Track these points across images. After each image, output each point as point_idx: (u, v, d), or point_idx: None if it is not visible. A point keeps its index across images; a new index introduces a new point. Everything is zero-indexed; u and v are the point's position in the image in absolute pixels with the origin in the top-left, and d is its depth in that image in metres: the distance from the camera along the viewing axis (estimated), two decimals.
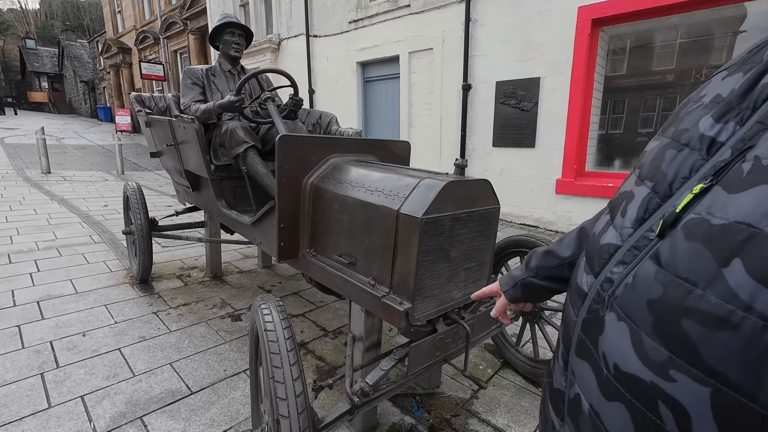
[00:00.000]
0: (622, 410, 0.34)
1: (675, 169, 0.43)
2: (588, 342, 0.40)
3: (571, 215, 4.76)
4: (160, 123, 2.52)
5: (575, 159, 4.64)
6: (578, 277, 0.49)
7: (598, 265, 0.45)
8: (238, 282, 3.07)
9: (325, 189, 1.68)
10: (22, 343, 2.09)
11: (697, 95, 0.52)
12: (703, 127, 0.43)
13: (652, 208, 0.43)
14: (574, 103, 4.55)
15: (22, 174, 7.22)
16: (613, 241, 0.45)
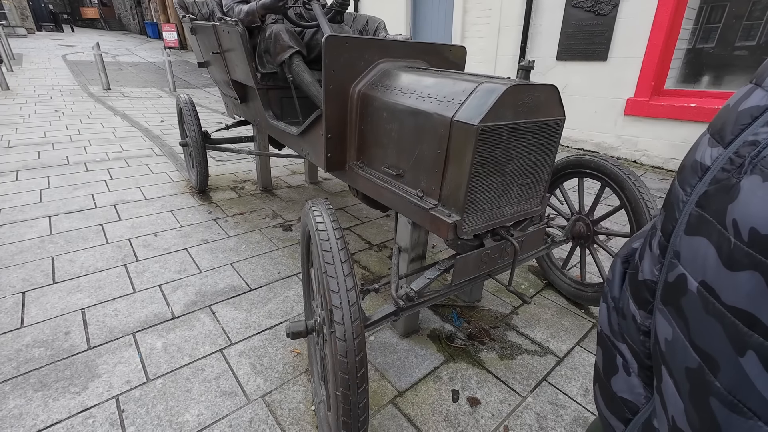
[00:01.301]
0: (754, 277, 0.30)
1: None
2: (708, 215, 0.35)
3: (638, 140, 4.31)
4: (205, 29, 2.45)
5: (654, 75, 4.05)
6: (697, 154, 0.42)
7: (733, 133, 0.38)
8: (287, 196, 3.19)
9: (374, 96, 1.59)
10: (106, 239, 2.37)
11: None
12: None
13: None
14: (664, 5, 3.83)
15: (86, 90, 7.61)
16: (760, 103, 0.37)
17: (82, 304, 1.81)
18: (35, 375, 1.44)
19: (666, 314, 0.40)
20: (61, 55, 12.79)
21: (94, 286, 1.93)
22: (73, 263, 2.10)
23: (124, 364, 1.50)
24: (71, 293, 1.88)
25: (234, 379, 1.47)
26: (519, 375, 1.56)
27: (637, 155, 4.36)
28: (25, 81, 8.02)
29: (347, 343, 0.87)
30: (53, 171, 3.39)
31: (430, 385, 1.49)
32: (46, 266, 2.06)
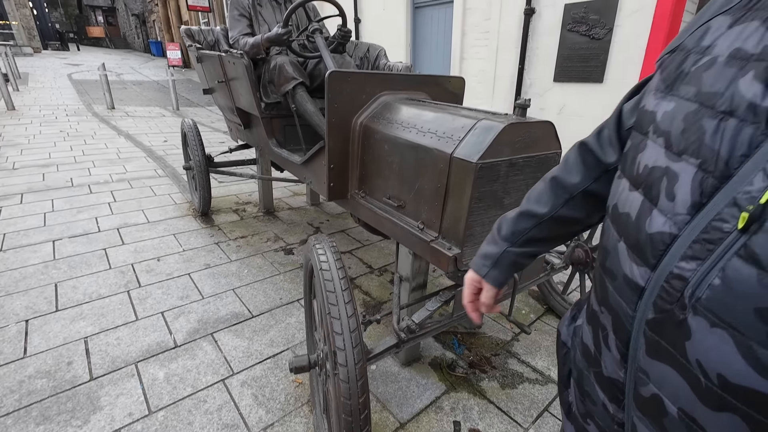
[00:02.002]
0: (735, 421, 0.31)
1: (728, 145, 0.36)
2: (667, 345, 0.37)
3: None
4: (210, 58, 2.52)
5: None
6: (620, 265, 0.44)
7: (653, 257, 0.40)
8: (288, 218, 3.22)
9: (375, 129, 1.64)
10: (109, 264, 2.38)
11: (695, 43, 0.44)
12: (749, 93, 0.36)
13: (708, 191, 0.37)
14: (658, 30, 3.93)
15: (90, 109, 7.73)
16: (666, 229, 0.39)
17: (85, 333, 1.81)
18: (37, 408, 1.44)
19: (648, 425, 0.41)
20: (66, 74, 13.02)
21: (97, 314, 1.94)
22: (76, 290, 2.12)
23: (126, 396, 1.51)
24: (74, 321, 1.89)
25: (236, 411, 1.47)
26: (520, 405, 1.56)
27: None
28: (30, 101, 8.16)
29: (350, 386, 0.88)
30: (57, 193, 3.43)
31: (432, 416, 1.49)
32: (50, 293, 2.08)
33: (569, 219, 0.66)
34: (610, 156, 0.60)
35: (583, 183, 0.63)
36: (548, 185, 0.67)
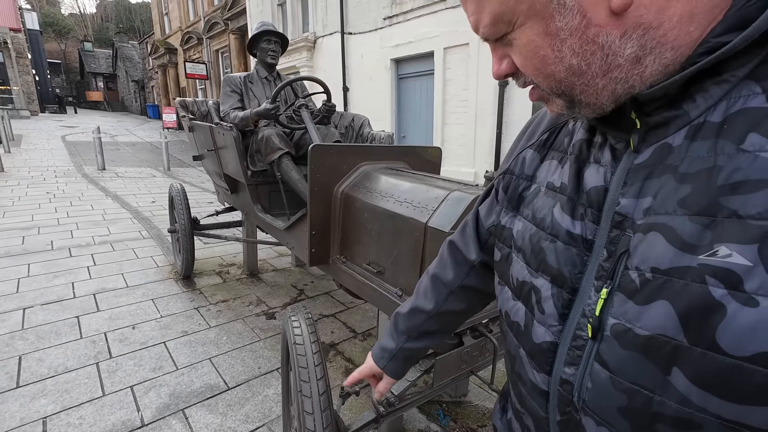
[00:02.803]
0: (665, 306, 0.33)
1: (566, 266, 0.42)
2: None
3: None
4: (201, 129, 2.65)
5: None
6: (526, 371, 0.48)
7: (546, 364, 0.44)
8: (272, 280, 3.19)
9: (356, 197, 1.70)
10: (81, 333, 2.29)
11: (520, 170, 0.54)
12: (563, 222, 0.44)
13: (565, 304, 0.42)
14: None
15: (80, 171, 7.82)
16: (547, 338, 0.44)
17: (45, 412, 1.69)
18: None
19: None
20: (60, 136, 13.33)
21: (61, 390, 1.83)
22: (41, 362, 2.01)
23: None
24: (35, 399, 1.77)
25: None
26: None
27: None
28: (21, 162, 8.25)
29: None
30: (35, 257, 3.36)
31: None
32: (12, 367, 1.96)
33: (454, 311, 0.71)
34: (472, 254, 0.67)
35: (457, 278, 0.69)
36: (430, 281, 0.72)
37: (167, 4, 19.25)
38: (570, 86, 0.38)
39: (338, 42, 7.94)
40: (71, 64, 41.07)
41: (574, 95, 0.38)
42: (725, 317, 0.29)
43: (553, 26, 0.35)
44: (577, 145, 0.46)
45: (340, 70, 8.02)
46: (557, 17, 0.35)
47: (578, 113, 0.41)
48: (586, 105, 0.39)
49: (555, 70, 0.37)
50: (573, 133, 0.48)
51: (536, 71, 0.39)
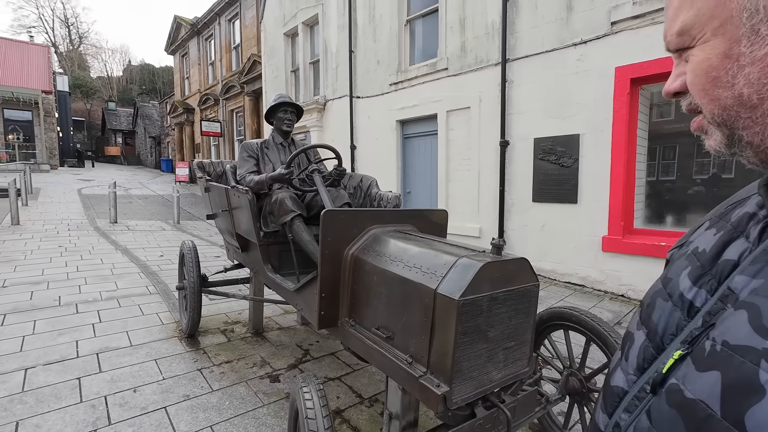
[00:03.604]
0: None
1: (664, 324, 0.45)
2: None
3: (621, 275, 4.50)
4: (217, 190, 2.77)
5: (622, 216, 4.47)
6: (596, 413, 0.52)
7: (611, 407, 0.48)
8: (277, 339, 3.13)
9: (365, 261, 1.75)
10: (81, 396, 2.23)
11: (689, 236, 0.54)
12: (683, 286, 0.46)
13: (648, 359, 0.45)
14: (617, 160, 4.46)
15: (93, 224, 8.01)
16: (621, 385, 0.47)
17: None
18: None
19: None
20: (77, 189, 13.79)
21: None
22: (38, 429, 1.94)
23: None
24: None
25: None
26: None
27: (623, 289, 4.49)
28: (36, 215, 8.48)
29: None
30: (42, 314, 3.36)
31: None
32: None
33: None
34: None
35: None
36: None
37: (189, 70, 20.79)
38: (733, 117, 0.36)
39: (347, 105, 8.45)
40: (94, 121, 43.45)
41: (735, 128, 0.37)
42: (761, 401, 0.30)
43: (737, 50, 0.34)
44: (739, 216, 0.45)
45: (348, 130, 8.45)
46: (744, 42, 0.34)
47: (738, 153, 0.38)
48: (748, 144, 0.37)
49: (722, 95, 0.36)
50: (745, 206, 0.47)
51: (702, 92, 0.38)
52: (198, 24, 18.62)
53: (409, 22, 7.28)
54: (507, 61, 5.48)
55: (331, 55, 8.89)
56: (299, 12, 9.86)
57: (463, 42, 6.10)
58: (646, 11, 4.18)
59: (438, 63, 6.48)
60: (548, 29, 5.03)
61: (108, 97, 44.32)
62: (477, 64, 5.91)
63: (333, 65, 8.86)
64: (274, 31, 11.08)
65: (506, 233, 5.67)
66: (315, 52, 9.90)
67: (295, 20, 10.03)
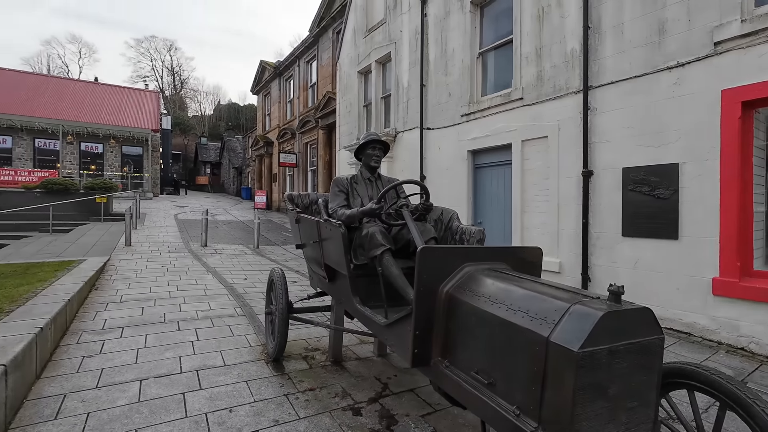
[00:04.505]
0: None
1: None
2: None
3: (739, 324, 3.88)
4: (308, 222, 2.95)
5: (737, 255, 3.90)
6: None
7: None
8: (356, 370, 3.15)
9: (462, 300, 1.71)
10: (186, 411, 2.42)
11: None
12: None
13: None
14: (729, 192, 3.96)
15: (188, 246, 8.93)
16: None
17: None
18: None
19: None
20: (173, 215, 15.55)
21: None
22: None
23: None
24: None
25: None
26: None
27: (742, 341, 3.85)
28: (143, 237, 9.69)
29: None
30: (151, 329, 3.76)
31: None
32: None
33: None
34: None
35: None
36: None
37: (270, 107, 22.92)
38: None
39: (417, 136, 8.64)
40: (188, 154, 49.34)
41: None
42: None
43: None
44: None
45: (418, 160, 8.59)
46: None
47: None
48: None
49: None
50: None
51: None
52: (280, 66, 20.60)
53: (481, 55, 7.36)
54: (590, 88, 5.25)
55: (403, 89, 9.24)
56: (373, 51, 10.46)
57: (540, 71, 5.98)
58: (758, 28, 3.78)
59: (512, 93, 6.40)
60: (637, 54, 4.76)
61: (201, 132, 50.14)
62: (555, 93, 5.74)
63: (404, 99, 9.18)
64: (349, 70, 11.85)
65: (591, 269, 5.24)
66: (387, 87, 10.36)
67: (369, 59, 10.65)
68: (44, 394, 2.53)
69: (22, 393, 2.46)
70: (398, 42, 9.41)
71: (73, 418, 2.28)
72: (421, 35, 8.56)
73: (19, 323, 2.95)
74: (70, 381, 2.72)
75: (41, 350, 2.86)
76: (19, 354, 2.41)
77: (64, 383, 2.69)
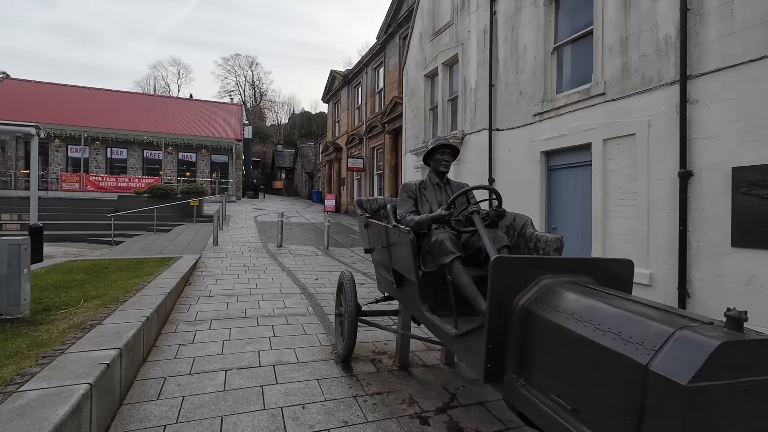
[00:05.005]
0: None
1: None
2: None
3: None
4: (377, 227, 2.99)
5: None
6: None
7: None
8: (423, 377, 3.12)
9: (539, 315, 1.60)
10: (264, 404, 2.59)
11: None
12: None
13: None
14: None
15: (265, 246, 9.62)
16: None
17: None
18: None
19: None
20: (253, 217, 16.87)
21: None
22: (236, 427, 2.31)
23: None
24: None
25: None
26: None
27: None
28: (228, 238, 10.64)
29: None
30: (235, 323, 4.10)
31: None
32: (215, 428, 2.30)
33: None
34: None
35: None
36: None
37: (339, 114, 23.85)
38: None
39: (485, 138, 8.36)
40: (266, 161, 53.32)
41: None
42: None
43: None
44: None
45: (486, 163, 8.31)
46: None
47: None
48: None
49: None
50: None
51: None
52: (349, 75, 21.35)
53: (556, 50, 6.90)
54: (688, 78, 4.64)
55: (470, 90, 9.01)
56: (439, 54, 10.37)
57: (625, 63, 5.44)
58: None
59: (592, 88, 5.90)
60: (752, 35, 4.09)
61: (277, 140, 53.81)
62: (644, 86, 5.17)
63: (472, 100, 8.95)
64: (415, 74, 11.88)
65: (690, 284, 4.60)
66: (453, 89, 10.20)
67: (435, 62, 10.58)
68: (149, 376, 2.88)
69: (132, 374, 2.82)
70: (466, 43, 9.22)
71: (171, 400, 2.56)
72: (490, 34, 8.28)
73: (130, 312, 3.40)
74: (169, 366, 3.07)
75: (147, 337, 3.26)
76: (130, 339, 2.78)
77: (164, 367, 3.04)
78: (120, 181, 21.52)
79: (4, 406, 1.77)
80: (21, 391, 1.93)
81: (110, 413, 2.33)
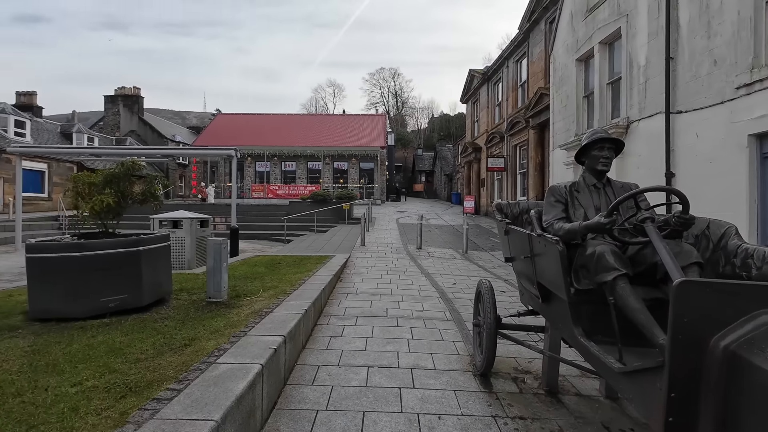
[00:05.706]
0: None
1: None
2: None
3: None
4: (518, 234, 2.74)
5: None
6: None
7: None
8: (576, 408, 2.70)
9: (756, 365, 1.17)
10: (401, 406, 2.64)
11: None
12: None
13: None
14: None
15: (406, 248, 10.02)
16: None
17: None
18: None
19: None
20: (395, 219, 17.85)
21: None
22: (375, 425, 2.42)
23: None
24: None
25: None
26: None
27: None
28: (373, 239, 11.50)
29: None
30: (377, 321, 4.36)
31: None
32: (358, 421, 2.46)
33: None
34: None
35: None
36: None
37: (478, 113, 23.21)
38: None
39: (660, 124, 6.85)
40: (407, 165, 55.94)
41: None
42: None
43: None
44: None
45: (661, 154, 6.80)
46: None
47: None
48: None
49: None
50: None
51: None
52: (488, 72, 20.57)
53: None
54: None
55: (638, 68, 7.54)
56: (595, 33, 9.02)
57: None
58: None
59: None
60: None
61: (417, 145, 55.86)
62: None
63: (640, 80, 7.48)
64: (565, 60, 10.62)
65: None
66: (614, 70, 8.73)
67: (590, 42, 9.24)
68: (306, 363, 3.29)
69: (294, 359, 3.27)
70: (631, 13, 7.75)
71: (322, 387, 2.86)
72: None
73: (294, 304, 3.97)
74: (322, 355, 3.44)
75: (305, 326, 3.74)
76: (293, 329, 3.22)
77: (318, 356, 3.42)
78: (290, 189, 26.79)
79: (206, 373, 2.26)
80: (218, 363, 2.43)
81: (277, 391, 2.73)
